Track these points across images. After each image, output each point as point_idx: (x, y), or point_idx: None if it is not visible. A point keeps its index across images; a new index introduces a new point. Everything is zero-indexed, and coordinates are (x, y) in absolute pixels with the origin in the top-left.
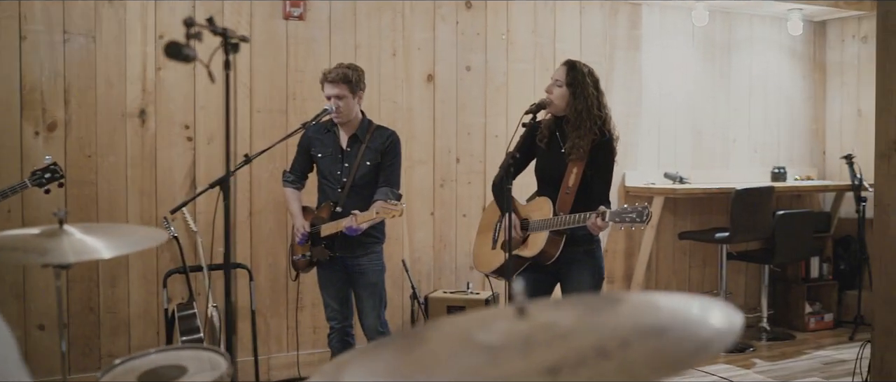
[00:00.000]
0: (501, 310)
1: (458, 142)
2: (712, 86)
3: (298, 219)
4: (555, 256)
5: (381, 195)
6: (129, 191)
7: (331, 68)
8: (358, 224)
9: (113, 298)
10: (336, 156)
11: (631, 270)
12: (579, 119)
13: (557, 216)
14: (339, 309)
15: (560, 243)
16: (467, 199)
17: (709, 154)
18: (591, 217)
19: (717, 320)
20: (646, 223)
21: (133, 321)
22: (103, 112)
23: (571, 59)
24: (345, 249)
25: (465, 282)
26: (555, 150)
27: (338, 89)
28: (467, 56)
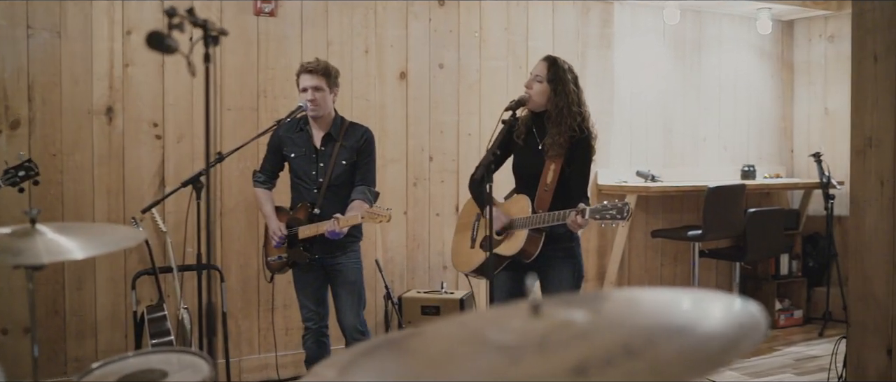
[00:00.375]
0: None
1: (431, 141)
2: (683, 84)
3: (273, 221)
4: (534, 254)
5: (358, 194)
6: (96, 190)
7: (310, 60)
8: (340, 228)
9: (79, 301)
10: (310, 155)
11: (604, 268)
12: (560, 116)
13: (536, 213)
14: (316, 310)
15: (540, 241)
16: (440, 198)
17: (680, 152)
18: (570, 214)
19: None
20: (627, 219)
21: (100, 324)
22: (69, 109)
23: (552, 55)
24: (323, 250)
25: (440, 282)
26: (532, 147)
27: (316, 80)
28: (440, 53)
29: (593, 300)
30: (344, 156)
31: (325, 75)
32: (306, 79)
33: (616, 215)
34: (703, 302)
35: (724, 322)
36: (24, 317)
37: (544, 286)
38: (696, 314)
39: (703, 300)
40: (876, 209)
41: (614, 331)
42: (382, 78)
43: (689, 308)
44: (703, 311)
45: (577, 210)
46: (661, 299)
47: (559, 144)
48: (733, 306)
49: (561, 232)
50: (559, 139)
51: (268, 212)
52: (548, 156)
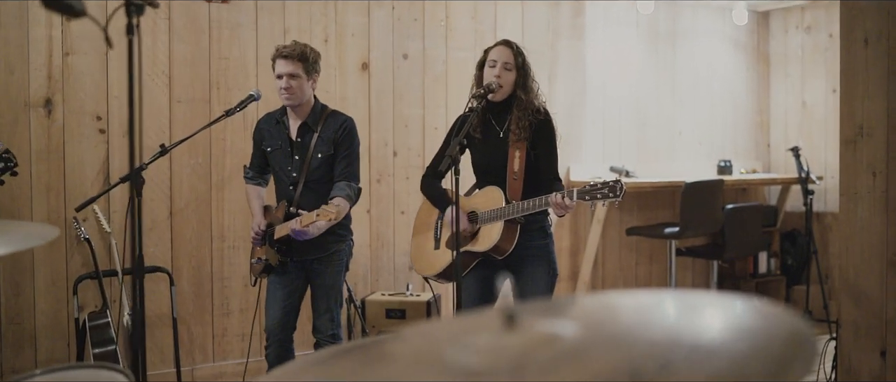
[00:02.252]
0: (481, 320)
1: (394, 135)
2: (657, 77)
3: (256, 218)
4: (509, 250)
5: (338, 191)
6: (34, 188)
7: (286, 43)
8: (302, 227)
9: (16, 307)
10: (285, 149)
11: (577, 268)
12: (527, 101)
13: (512, 204)
14: (282, 320)
15: (515, 235)
16: (405, 195)
17: (654, 147)
18: (554, 197)
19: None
20: (620, 197)
21: (40, 332)
22: (3, 102)
23: (508, 40)
24: (301, 251)
25: (405, 284)
26: (492, 137)
27: (292, 66)
28: (404, 43)
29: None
30: (321, 149)
31: (301, 60)
32: (281, 65)
33: (608, 193)
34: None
35: (760, 337)
36: None
37: (517, 286)
38: (717, 326)
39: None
40: (867, 202)
41: (614, 351)
42: (343, 69)
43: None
44: (726, 322)
45: (563, 191)
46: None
47: (524, 128)
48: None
49: (535, 227)
50: (523, 123)
51: (253, 210)
52: (511, 143)
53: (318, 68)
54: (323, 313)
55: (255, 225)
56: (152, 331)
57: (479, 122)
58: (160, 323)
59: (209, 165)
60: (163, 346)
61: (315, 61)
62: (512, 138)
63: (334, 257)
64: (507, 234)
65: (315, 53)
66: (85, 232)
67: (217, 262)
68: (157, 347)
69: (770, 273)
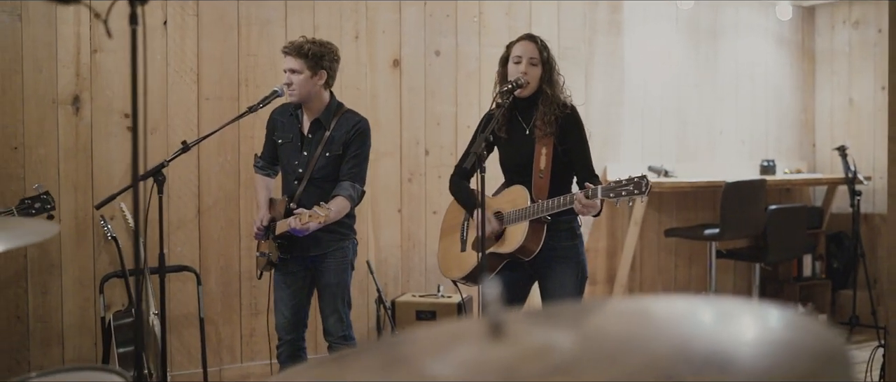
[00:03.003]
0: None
1: (426, 133)
2: (698, 74)
3: (261, 210)
4: (535, 251)
5: (340, 190)
6: (62, 186)
7: (292, 40)
8: (301, 224)
9: (44, 306)
10: (296, 143)
11: (613, 271)
12: (553, 95)
13: (536, 203)
14: (291, 319)
15: (542, 235)
16: (437, 195)
17: (694, 146)
18: (577, 195)
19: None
20: (645, 194)
21: (67, 331)
22: (31, 99)
23: (531, 34)
24: (302, 248)
25: (436, 285)
26: (518, 134)
27: (291, 62)
28: (436, 40)
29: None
30: (330, 147)
31: (301, 56)
32: (284, 61)
33: (633, 190)
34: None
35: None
36: None
37: (544, 287)
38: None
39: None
40: None
41: (614, 365)
42: (374, 66)
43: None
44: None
45: (587, 189)
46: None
47: (549, 123)
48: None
49: (563, 228)
50: (549, 118)
51: (259, 201)
52: (538, 140)
53: (323, 64)
54: (330, 314)
55: (258, 219)
56: (179, 331)
57: (504, 120)
58: (187, 323)
59: (238, 163)
60: (190, 346)
61: (319, 57)
62: (538, 134)
63: (337, 255)
64: (532, 235)
65: (321, 49)
66: (111, 231)
67: (246, 261)
68: (184, 347)
69: (815, 276)
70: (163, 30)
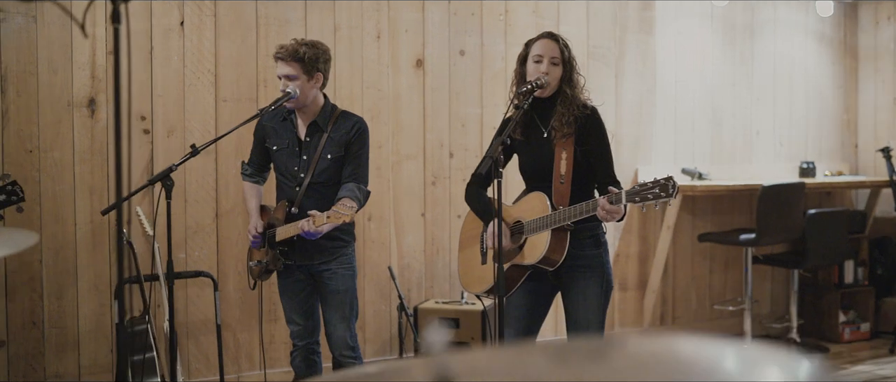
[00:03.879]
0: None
1: (451, 135)
2: (733, 73)
3: (253, 218)
4: (559, 261)
5: (346, 192)
6: (78, 189)
7: (284, 43)
8: (317, 227)
9: (59, 311)
10: (293, 148)
11: (645, 276)
12: (573, 96)
13: (557, 211)
14: (303, 325)
15: (565, 244)
16: (462, 199)
17: (730, 148)
18: (600, 201)
19: None
20: (672, 196)
21: (83, 337)
22: (47, 102)
23: (551, 32)
24: (305, 255)
25: (460, 292)
26: (536, 138)
27: (288, 68)
28: (461, 39)
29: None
30: (330, 150)
31: (296, 60)
32: (278, 67)
33: (660, 193)
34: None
35: None
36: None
37: (567, 301)
38: None
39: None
40: None
41: None
42: (396, 66)
43: None
44: None
45: (610, 194)
46: (702, 360)
47: (568, 124)
48: None
49: (587, 236)
50: (567, 119)
51: (250, 209)
52: (557, 143)
53: (319, 66)
54: (337, 323)
55: (252, 227)
56: (197, 337)
57: (521, 122)
58: (205, 329)
59: None
60: (208, 353)
61: (314, 59)
62: (556, 137)
63: (342, 262)
64: (555, 244)
65: (315, 50)
66: (127, 235)
67: None
68: (202, 353)
69: (857, 283)
70: (180, 30)
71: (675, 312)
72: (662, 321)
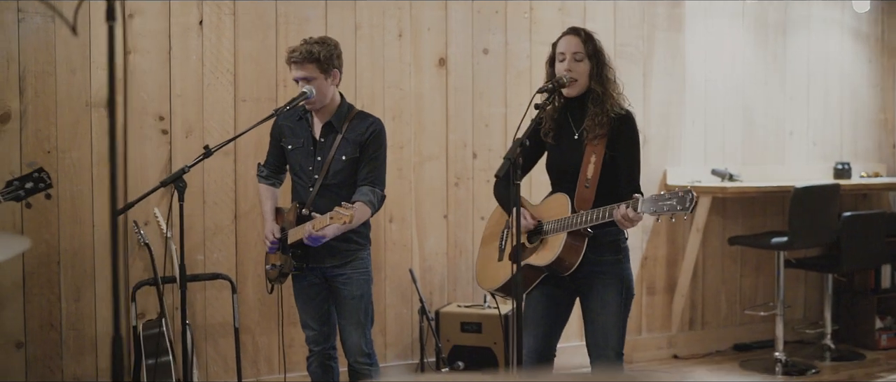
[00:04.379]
0: None
1: (474, 135)
2: (765, 71)
3: (268, 223)
4: (574, 265)
5: (360, 195)
6: (96, 191)
7: (295, 46)
8: (316, 231)
9: (77, 313)
10: (308, 148)
11: (674, 280)
12: (604, 94)
13: (575, 214)
14: (319, 330)
15: (581, 249)
16: (485, 200)
17: (762, 148)
18: (618, 208)
19: None
20: (689, 210)
21: (101, 340)
22: (64, 102)
23: (574, 27)
24: (317, 259)
25: (483, 295)
26: (567, 139)
27: (304, 71)
28: (484, 37)
29: None
30: (345, 151)
31: (312, 61)
32: (293, 71)
33: (676, 205)
34: None
35: None
36: (15, 331)
37: (586, 305)
38: None
39: None
40: None
41: None
42: (418, 65)
43: None
44: None
45: (628, 202)
46: None
47: (600, 125)
48: None
49: (607, 240)
50: (601, 119)
51: (265, 212)
52: (587, 145)
53: (335, 63)
54: (352, 330)
55: (268, 232)
56: (216, 340)
57: (553, 124)
58: (223, 332)
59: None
60: (226, 356)
61: (329, 57)
62: (588, 138)
63: (356, 266)
64: (570, 248)
65: (328, 48)
66: (144, 237)
67: None
68: (220, 356)
69: (894, 288)
70: (198, 30)
71: (705, 317)
72: (691, 326)
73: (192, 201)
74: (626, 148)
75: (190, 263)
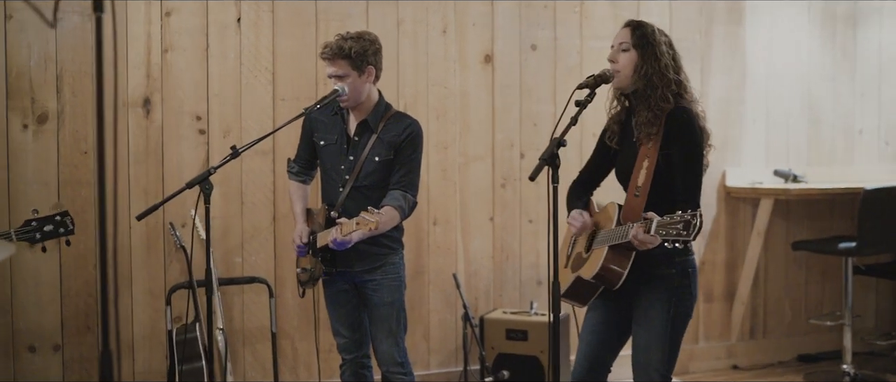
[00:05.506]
0: None
1: (522, 135)
2: (833, 66)
3: (299, 224)
4: (619, 279)
5: (390, 200)
6: (132, 191)
7: (329, 41)
8: (343, 236)
9: (113, 316)
10: (341, 146)
11: (733, 286)
12: (650, 86)
13: (603, 231)
14: (350, 337)
15: (625, 263)
16: (534, 202)
17: (829, 148)
18: (633, 228)
19: None
20: (692, 236)
21: (137, 343)
22: None
23: (630, 19)
24: (346, 263)
25: (530, 301)
26: (627, 142)
27: (335, 67)
28: (532, 32)
29: None
30: (378, 152)
31: (344, 57)
32: (326, 68)
33: (681, 231)
34: None
35: None
36: (53, 334)
37: (633, 324)
38: None
39: None
40: None
41: None
42: (464, 62)
43: None
44: None
45: (642, 220)
46: None
47: (649, 123)
48: None
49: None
50: (648, 116)
51: (296, 212)
52: (640, 146)
53: (370, 59)
54: (384, 338)
55: (297, 235)
56: (253, 345)
57: (617, 129)
58: (261, 337)
59: None
60: (264, 361)
61: (362, 53)
62: (640, 139)
63: (387, 271)
64: (612, 261)
65: (363, 43)
66: (180, 239)
67: None
68: (257, 362)
69: None
70: (236, 27)
71: (767, 325)
72: (752, 334)
73: (229, 203)
74: (680, 147)
75: (228, 266)
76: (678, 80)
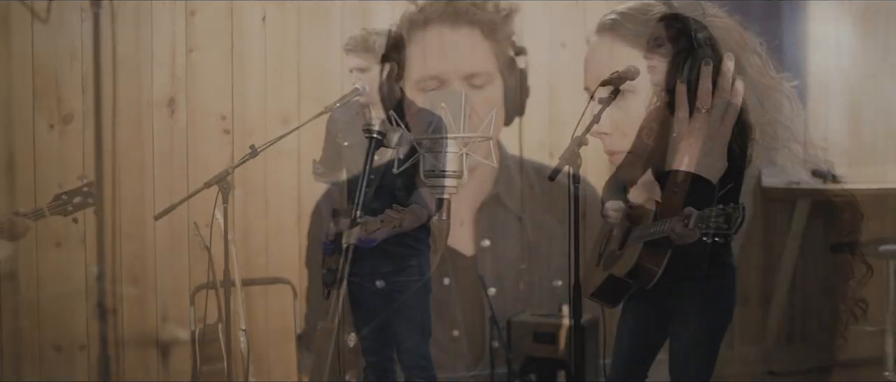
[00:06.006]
0: None
1: (550, 133)
2: (875, 62)
3: (326, 223)
4: (653, 278)
5: (418, 198)
6: (156, 192)
7: (353, 34)
8: (369, 234)
9: (138, 315)
10: (365, 144)
11: (769, 289)
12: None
13: (637, 227)
14: (375, 340)
15: (660, 261)
16: (564, 201)
17: (870, 147)
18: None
19: None
20: (733, 230)
21: (162, 341)
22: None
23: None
24: (370, 263)
25: (558, 304)
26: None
27: (358, 60)
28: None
29: None
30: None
31: (367, 51)
32: (348, 60)
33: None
34: None
35: None
36: (79, 333)
37: (671, 330)
38: None
39: None
40: None
41: None
42: None
43: None
44: None
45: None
46: None
47: None
48: None
49: (692, 249)
50: None
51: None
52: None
53: (392, 55)
54: (406, 340)
55: (323, 234)
56: (276, 347)
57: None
58: (284, 338)
59: None
60: (287, 362)
61: (386, 48)
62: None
63: (412, 273)
64: (646, 260)
65: (386, 39)
66: (204, 239)
67: None
68: (281, 363)
69: None
70: (262, 27)
71: (805, 330)
72: (789, 339)
73: (253, 202)
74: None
75: (252, 266)
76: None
